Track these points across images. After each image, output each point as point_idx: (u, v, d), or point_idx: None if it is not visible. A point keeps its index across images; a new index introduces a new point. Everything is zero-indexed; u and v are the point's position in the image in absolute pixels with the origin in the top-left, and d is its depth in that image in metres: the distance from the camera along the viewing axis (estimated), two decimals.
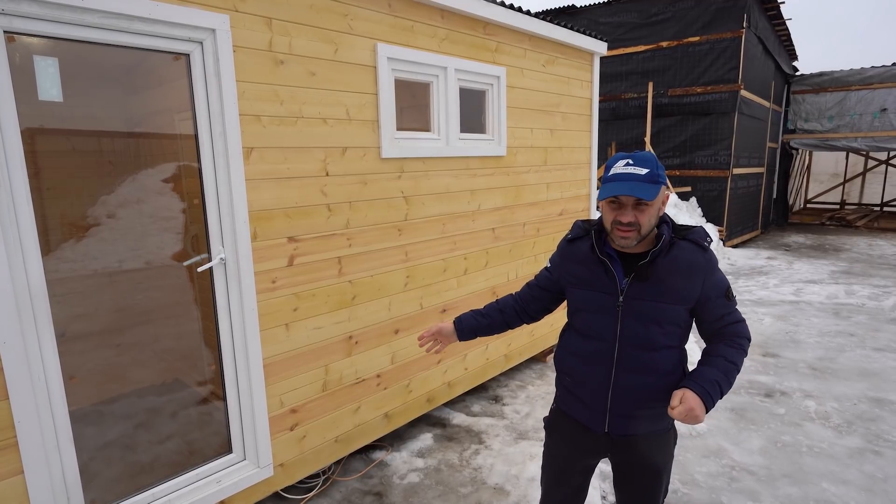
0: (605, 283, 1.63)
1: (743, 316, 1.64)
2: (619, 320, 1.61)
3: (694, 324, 1.68)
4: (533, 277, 1.95)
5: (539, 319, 1.95)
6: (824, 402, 3.95)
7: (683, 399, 1.46)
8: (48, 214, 2.72)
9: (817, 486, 2.94)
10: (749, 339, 1.61)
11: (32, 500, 1.91)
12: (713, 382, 1.50)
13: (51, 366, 1.93)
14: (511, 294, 1.99)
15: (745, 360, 1.61)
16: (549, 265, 1.85)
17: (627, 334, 1.60)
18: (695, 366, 1.60)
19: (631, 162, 1.51)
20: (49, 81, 1.99)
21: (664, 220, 1.63)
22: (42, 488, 1.92)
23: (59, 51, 2.02)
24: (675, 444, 1.80)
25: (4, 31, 1.75)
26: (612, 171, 1.54)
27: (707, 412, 1.48)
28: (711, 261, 1.60)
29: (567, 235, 1.81)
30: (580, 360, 1.72)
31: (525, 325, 1.96)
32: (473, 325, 1.93)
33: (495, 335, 1.85)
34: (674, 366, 1.63)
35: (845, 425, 3.61)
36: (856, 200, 16.77)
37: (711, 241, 1.64)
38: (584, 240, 1.72)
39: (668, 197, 1.65)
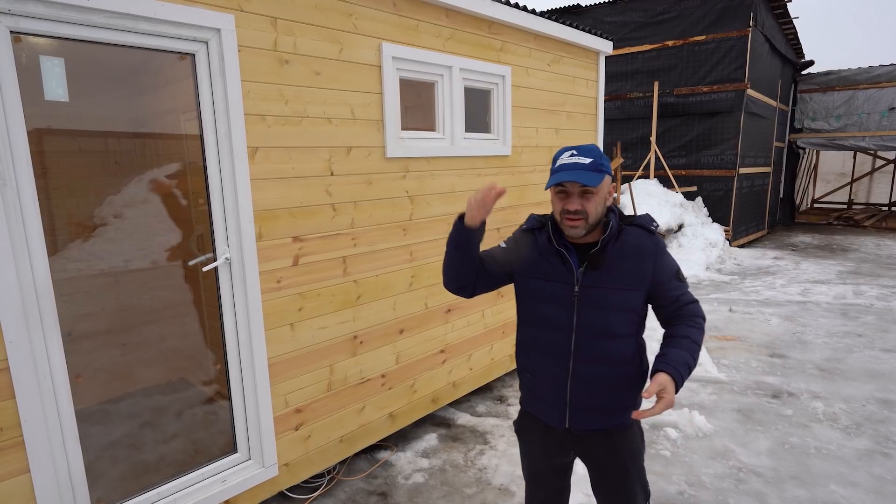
0: (563, 273, 1.65)
1: (695, 297, 1.67)
2: (575, 310, 1.63)
3: (651, 311, 1.70)
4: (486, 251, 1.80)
5: (475, 292, 1.78)
6: (832, 403, 3.91)
7: (660, 383, 1.43)
8: (56, 214, 2.73)
9: (825, 487, 2.91)
10: (704, 319, 1.65)
11: (38, 498, 1.91)
12: (683, 364, 1.50)
13: (57, 365, 1.94)
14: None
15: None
16: (503, 244, 1.79)
17: (584, 323, 1.63)
18: (654, 354, 1.59)
19: (575, 153, 1.58)
20: (55, 81, 2.00)
21: (611, 210, 1.67)
22: (48, 486, 1.93)
23: (64, 51, 2.03)
24: (642, 440, 1.80)
25: (11, 31, 1.76)
26: (558, 163, 1.60)
27: (675, 393, 1.46)
28: (659, 244, 1.65)
29: (522, 226, 1.80)
30: (539, 353, 1.74)
31: (464, 292, 1.78)
32: (477, 239, 1.69)
33: (464, 267, 1.72)
34: (631, 355, 1.66)
35: (854, 427, 3.57)
36: (863, 200, 16.64)
37: (658, 226, 1.69)
38: (541, 232, 1.73)
39: (614, 188, 1.69)
